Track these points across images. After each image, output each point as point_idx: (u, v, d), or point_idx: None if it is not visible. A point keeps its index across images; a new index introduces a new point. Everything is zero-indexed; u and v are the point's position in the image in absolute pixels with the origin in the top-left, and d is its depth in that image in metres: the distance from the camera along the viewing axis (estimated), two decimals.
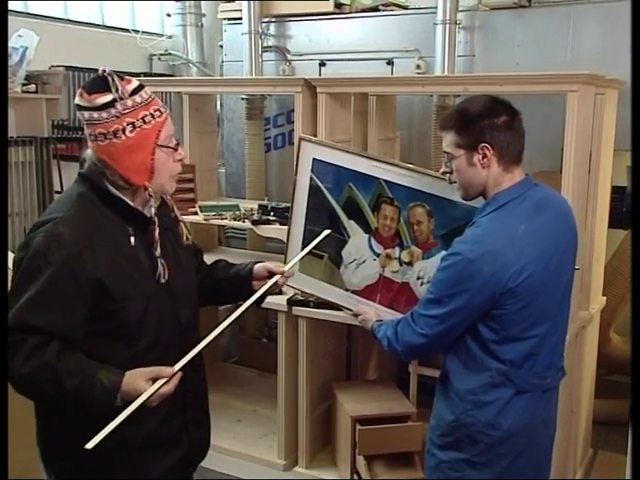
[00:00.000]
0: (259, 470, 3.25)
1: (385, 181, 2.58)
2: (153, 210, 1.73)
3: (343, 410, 3.07)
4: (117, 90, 1.63)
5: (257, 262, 2.05)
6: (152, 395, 1.55)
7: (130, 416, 1.53)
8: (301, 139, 2.79)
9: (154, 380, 1.57)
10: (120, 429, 1.53)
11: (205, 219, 3.39)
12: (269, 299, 3.04)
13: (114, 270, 1.63)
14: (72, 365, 1.57)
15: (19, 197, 3.98)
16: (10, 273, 1.72)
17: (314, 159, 2.74)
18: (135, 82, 1.69)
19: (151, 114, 1.66)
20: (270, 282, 1.96)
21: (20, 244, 1.66)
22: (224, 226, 4.04)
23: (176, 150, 1.73)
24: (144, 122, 1.65)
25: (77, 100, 1.67)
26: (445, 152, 2.01)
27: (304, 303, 3.05)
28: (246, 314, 4.30)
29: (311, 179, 2.75)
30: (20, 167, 3.97)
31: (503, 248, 1.84)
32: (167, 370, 1.59)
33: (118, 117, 1.63)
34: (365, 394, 3.18)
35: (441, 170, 2.07)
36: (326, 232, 2.23)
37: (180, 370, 1.62)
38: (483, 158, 1.91)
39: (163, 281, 1.73)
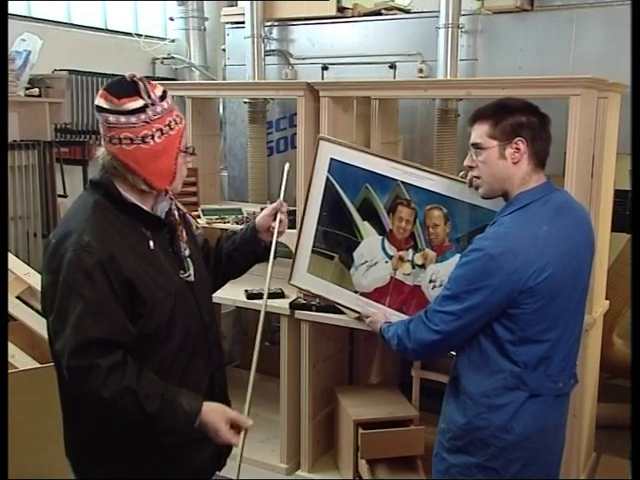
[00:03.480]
0: (261, 474, 3.25)
1: (403, 183, 2.58)
2: (165, 211, 1.76)
3: (345, 414, 3.07)
4: (149, 96, 1.64)
5: (255, 218, 2.11)
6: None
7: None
8: (320, 139, 2.80)
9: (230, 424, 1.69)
10: (154, 430, 1.65)
11: (207, 223, 3.39)
12: (271, 302, 3.06)
13: (140, 273, 1.64)
14: (150, 389, 1.60)
15: (22, 201, 3.99)
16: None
17: (332, 159, 2.74)
18: (160, 88, 1.70)
19: (174, 120, 1.69)
20: (276, 224, 2.05)
21: (47, 266, 1.64)
22: (226, 230, 4.03)
23: (193, 154, 1.78)
24: (170, 128, 1.67)
25: (102, 102, 1.64)
26: (474, 144, 1.98)
27: (307, 307, 3.05)
28: (248, 318, 4.28)
29: (327, 179, 2.75)
30: (23, 171, 3.97)
31: (525, 246, 1.84)
32: (247, 422, 1.74)
33: (148, 123, 1.64)
34: (367, 398, 3.18)
35: (465, 163, 2.04)
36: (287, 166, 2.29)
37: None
38: (515, 152, 1.92)
39: (193, 279, 1.77)
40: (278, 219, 2.05)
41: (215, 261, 2.05)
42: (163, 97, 1.68)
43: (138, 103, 1.63)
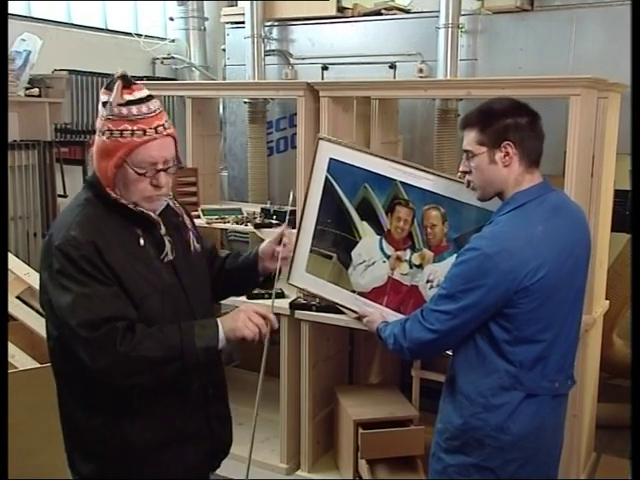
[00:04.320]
0: (261, 474, 3.25)
1: (401, 183, 2.58)
2: (159, 210, 1.76)
3: (345, 414, 3.07)
4: (110, 95, 1.64)
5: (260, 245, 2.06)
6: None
7: (154, 414, 1.70)
8: (319, 139, 2.80)
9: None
10: (144, 428, 1.68)
11: (207, 223, 3.39)
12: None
13: (127, 268, 1.65)
14: (165, 327, 1.65)
15: (22, 201, 3.99)
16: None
17: (331, 159, 2.74)
18: (138, 94, 1.66)
19: (132, 131, 1.63)
20: (280, 248, 1.98)
21: (42, 262, 1.67)
22: (226, 230, 4.04)
23: (145, 175, 1.67)
24: (121, 135, 1.63)
25: None
26: (465, 150, 1.99)
27: (307, 307, 3.04)
28: None
29: (326, 179, 2.75)
30: (23, 171, 3.98)
31: (521, 246, 1.84)
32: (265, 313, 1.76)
33: (104, 119, 1.66)
34: (367, 398, 3.18)
35: (460, 169, 2.05)
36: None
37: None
38: (505, 156, 1.92)
39: (171, 257, 1.75)
40: (282, 244, 1.99)
41: (216, 274, 2.04)
42: (131, 103, 1.64)
43: (105, 98, 1.66)
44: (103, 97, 1.66)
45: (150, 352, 1.60)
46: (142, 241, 1.71)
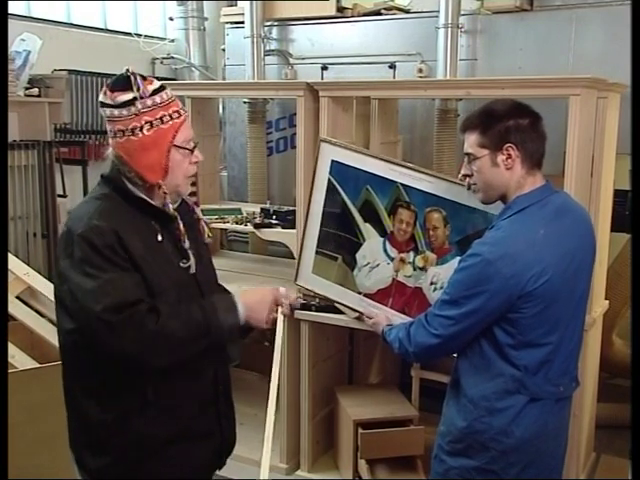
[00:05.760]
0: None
1: (403, 185, 2.59)
2: (172, 207, 1.77)
3: (345, 414, 3.07)
4: (138, 89, 1.68)
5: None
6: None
7: (166, 410, 1.72)
8: (321, 140, 2.81)
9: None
10: (156, 423, 1.70)
11: (207, 222, 3.39)
12: None
13: (147, 259, 1.67)
14: (186, 304, 1.69)
15: (22, 201, 3.99)
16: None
17: (333, 161, 2.75)
18: (157, 83, 1.73)
19: (169, 115, 1.70)
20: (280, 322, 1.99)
21: (63, 251, 1.67)
22: (226, 230, 4.04)
23: (192, 152, 1.78)
24: (162, 122, 1.69)
25: (100, 97, 1.72)
26: (467, 154, 1.98)
27: (306, 307, 3.04)
28: None
29: (329, 181, 2.76)
30: (23, 171, 3.98)
31: (522, 251, 1.83)
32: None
33: (137, 115, 1.68)
34: (367, 398, 3.18)
35: (461, 173, 2.04)
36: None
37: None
38: (507, 159, 1.90)
39: (194, 271, 1.78)
40: (280, 314, 1.98)
41: None
42: (157, 91, 1.71)
43: (128, 96, 1.68)
44: (124, 97, 1.67)
45: (178, 331, 1.63)
46: (160, 237, 1.73)
